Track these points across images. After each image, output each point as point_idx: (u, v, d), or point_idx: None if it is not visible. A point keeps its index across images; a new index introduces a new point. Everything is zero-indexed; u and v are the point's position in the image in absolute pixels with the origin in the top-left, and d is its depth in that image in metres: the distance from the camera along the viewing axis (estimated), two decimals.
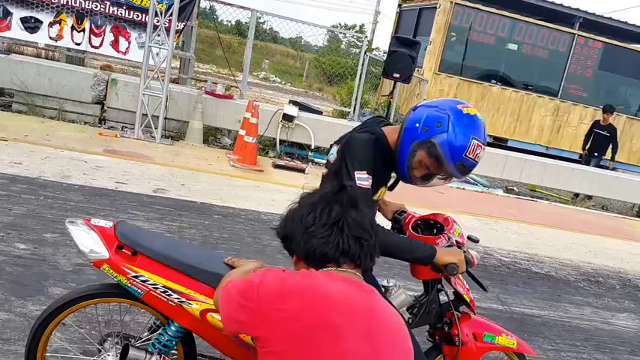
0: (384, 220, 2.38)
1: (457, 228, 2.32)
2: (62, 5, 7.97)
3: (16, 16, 7.90)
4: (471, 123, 1.97)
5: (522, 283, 5.19)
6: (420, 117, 2.00)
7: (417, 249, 2.05)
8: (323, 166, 7.48)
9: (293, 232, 1.60)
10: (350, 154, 1.98)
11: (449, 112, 1.97)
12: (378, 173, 2.04)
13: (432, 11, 12.92)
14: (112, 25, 8.22)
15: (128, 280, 1.94)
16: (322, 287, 1.47)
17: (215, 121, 8.22)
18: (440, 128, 1.95)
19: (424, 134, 1.98)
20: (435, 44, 12.64)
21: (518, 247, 6.33)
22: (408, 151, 2.01)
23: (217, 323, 1.94)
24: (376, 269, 2.02)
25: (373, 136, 2.04)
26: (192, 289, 1.95)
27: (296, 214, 1.61)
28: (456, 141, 1.95)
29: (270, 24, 37.17)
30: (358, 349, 1.43)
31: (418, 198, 7.86)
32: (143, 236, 2.06)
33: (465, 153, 1.96)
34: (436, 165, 2.01)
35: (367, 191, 1.96)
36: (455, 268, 2.05)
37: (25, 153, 5.63)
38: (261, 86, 18.65)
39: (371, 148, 2.01)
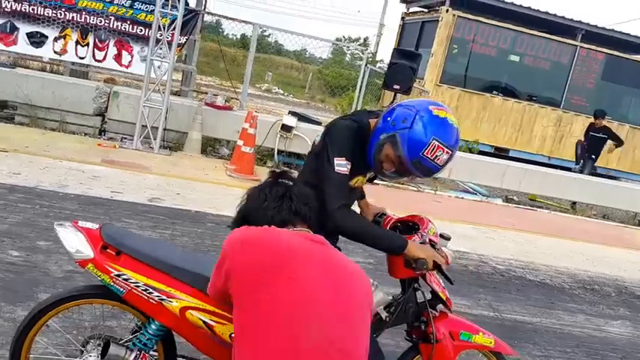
0: None
1: (432, 227, 2.36)
2: (67, 20, 8.14)
3: (23, 31, 8.07)
4: (435, 124, 2.01)
5: (516, 291, 5.19)
6: (393, 112, 2.08)
7: (389, 238, 2.14)
8: None
9: (250, 212, 1.86)
10: (331, 140, 2.09)
11: (418, 110, 2.03)
12: (357, 161, 2.11)
13: (434, 24, 13.02)
14: (115, 40, 8.36)
15: (111, 279, 2.01)
16: (279, 237, 1.70)
17: (214, 132, 8.30)
18: (404, 124, 2.02)
19: (391, 128, 2.05)
20: (436, 56, 12.72)
21: (514, 255, 6.33)
22: (376, 144, 2.09)
23: (196, 321, 1.99)
24: None
25: (355, 124, 2.12)
26: (173, 287, 2.01)
27: (249, 198, 1.89)
28: (415, 138, 2.00)
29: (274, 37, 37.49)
30: (315, 288, 1.60)
31: (414, 207, 7.90)
32: (128, 237, 2.13)
33: (423, 152, 2.00)
34: (398, 160, 2.06)
35: (344, 177, 2.06)
36: (424, 263, 2.10)
37: (24, 164, 5.72)
38: (263, 98, 18.81)
39: (351, 136, 2.10)
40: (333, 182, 2.05)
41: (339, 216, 2.03)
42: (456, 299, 4.64)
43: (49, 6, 8.00)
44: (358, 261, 5.05)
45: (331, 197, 2.04)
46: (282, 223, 1.79)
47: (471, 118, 13.13)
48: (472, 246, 6.35)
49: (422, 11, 14.19)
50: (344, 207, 2.06)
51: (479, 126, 13.20)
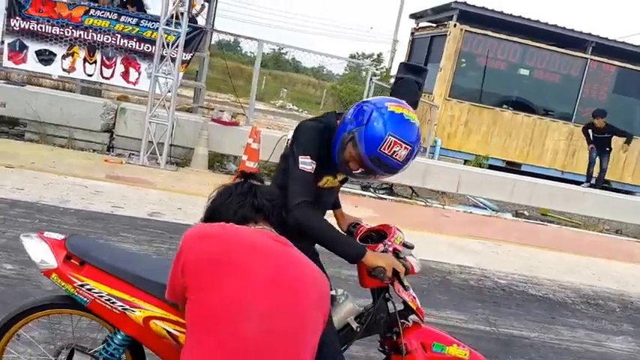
0: None
1: (399, 236, 2.36)
2: (75, 38, 8.32)
3: (32, 49, 8.27)
4: (392, 120, 2.02)
5: (516, 305, 5.13)
6: (353, 110, 2.11)
7: (348, 244, 2.15)
8: None
9: (215, 208, 1.90)
10: (297, 139, 2.14)
11: (374, 107, 2.05)
12: (324, 161, 2.14)
13: (442, 38, 13.04)
14: (122, 57, 8.52)
15: (75, 289, 2.03)
16: (236, 233, 1.74)
17: (221, 147, 8.39)
18: (361, 121, 2.04)
19: (351, 126, 2.08)
20: (445, 71, 12.72)
21: (518, 270, 6.26)
22: (339, 142, 2.11)
23: (160, 331, 2.01)
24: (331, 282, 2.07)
25: (322, 125, 2.16)
26: (137, 297, 2.02)
27: (217, 196, 1.94)
28: (371, 134, 2.01)
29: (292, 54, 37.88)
30: (263, 286, 1.62)
31: (421, 221, 7.88)
32: (93, 247, 2.16)
33: (380, 148, 2.00)
34: (359, 158, 2.07)
35: (308, 175, 2.09)
36: (381, 271, 2.09)
37: (28, 179, 5.83)
38: (277, 114, 18.96)
39: (317, 136, 2.13)
40: (295, 179, 2.09)
41: (298, 212, 2.04)
42: (452, 314, 4.64)
43: (56, 24, 8.19)
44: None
45: (293, 194, 2.07)
46: (243, 219, 1.83)
47: (481, 133, 13.07)
48: (476, 260, 6.30)
49: (430, 26, 14.23)
50: (305, 204, 2.06)
51: (489, 140, 13.13)
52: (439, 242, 6.85)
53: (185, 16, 7.41)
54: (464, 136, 13.04)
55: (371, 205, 8.27)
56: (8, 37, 8.19)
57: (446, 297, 4.98)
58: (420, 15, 14.68)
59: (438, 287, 5.21)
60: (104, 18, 8.32)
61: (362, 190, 9.12)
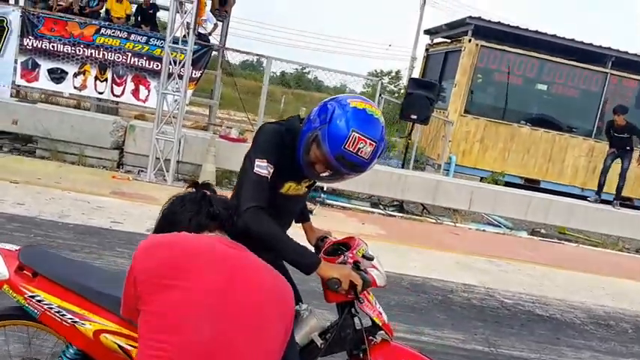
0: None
1: (362, 248, 2.28)
2: (86, 57, 8.49)
3: (44, 67, 8.46)
4: (355, 116, 1.95)
5: (519, 326, 4.97)
6: (316, 110, 2.04)
7: (301, 253, 2.01)
8: (334, 208, 7.35)
9: (169, 218, 1.86)
10: (256, 142, 2.06)
11: (337, 104, 1.98)
12: (284, 166, 2.05)
13: (457, 54, 12.98)
14: (133, 75, 8.65)
15: (25, 300, 2.00)
16: (187, 240, 1.69)
17: (229, 164, 8.38)
18: (324, 119, 1.96)
19: (314, 126, 2.00)
20: (460, 86, 12.63)
21: (526, 289, 6.08)
22: (304, 143, 2.03)
23: (111, 345, 1.96)
24: None
25: (283, 128, 2.08)
26: (87, 309, 1.98)
27: (170, 205, 1.89)
28: (335, 132, 1.93)
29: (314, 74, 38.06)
30: (215, 294, 1.57)
31: (429, 239, 7.75)
32: (47, 259, 2.13)
33: (344, 145, 1.92)
34: (325, 158, 1.99)
35: (262, 179, 1.99)
36: (336, 282, 2.00)
37: (31, 194, 5.91)
38: None
39: (276, 139, 2.04)
40: (249, 183, 2.00)
41: (247, 216, 1.95)
42: (450, 333, 4.51)
43: (68, 43, 8.37)
44: None
45: (244, 197, 1.98)
46: (198, 227, 1.79)
47: (497, 149, 12.90)
48: (482, 279, 6.14)
49: (445, 42, 14.18)
50: (256, 208, 1.96)
51: (506, 157, 12.95)
52: (445, 260, 6.71)
53: (191, 34, 7.49)
54: (480, 153, 12.88)
55: (378, 222, 8.17)
56: (21, 55, 8.39)
57: (445, 316, 4.85)
58: (435, 31, 14.65)
59: (437, 306, 5.08)
60: (115, 37, 8.48)
61: (371, 207, 9.03)
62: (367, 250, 2.30)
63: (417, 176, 9.48)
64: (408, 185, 9.07)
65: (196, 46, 8.88)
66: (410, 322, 4.55)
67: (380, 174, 9.09)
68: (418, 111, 9.69)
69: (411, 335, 4.29)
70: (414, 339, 4.22)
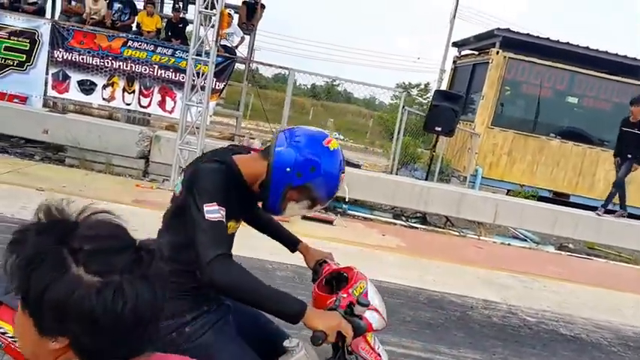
0: None
1: (360, 285, 2.04)
2: (114, 69, 8.55)
3: (74, 79, 8.55)
4: (337, 159, 1.91)
5: (541, 346, 4.68)
6: (289, 160, 1.85)
7: (283, 302, 1.74)
8: (355, 218, 7.16)
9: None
10: (198, 186, 1.79)
11: (320, 154, 1.87)
12: (230, 205, 1.82)
13: (484, 66, 12.68)
14: (159, 87, 8.67)
15: None
16: None
17: None
18: (315, 173, 1.86)
19: (299, 180, 1.86)
20: (487, 99, 12.32)
21: (551, 307, 5.77)
22: (281, 193, 1.89)
23: None
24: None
25: (223, 166, 1.85)
26: None
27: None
28: (330, 182, 1.91)
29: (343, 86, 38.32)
30: None
31: (450, 252, 7.49)
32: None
33: (336, 188, 1.94)
34: (311, 203, 1.94)
35: (218, 224, 1.74)
36: (320, 337, 1.72)
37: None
38: None
39: (221, 178, 1.82)
40: (203, 233, 1.73)
41: (216, 268, 1.69)
42: (467, 352, 4.26)
43: (97, 55, 8.45)
44: None
45: (205, 248, 1.71)
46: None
47: (526, 162, 12.51)
48: (504, 296, 5.87)
49: (473, 54, 13.89)
50: (222, 257, 1.71)
51: (535, 170, 12.55)
52: (465, 274, 6.45)
53: (213, 47, 7.44)
54: (507, 166, 12.52)
55: (400, 233, 7.94)
56: (52, 67, 8.50)
57: (463, 334, 4.61)
58: (463, 43, 14.38)
59: (455, 323, 4.83)
60: (142, 49, 8.52)
61: (393, 219, 8.81)
62: (366, 287, 2.07)
63: (440, 188, 9.23)
64: (430, 197, 8.83)
65: (220, 59, 8.86)
66: (425, 339, 4.33)
67: (402, 185, 8.89)
68: (443, 123, 9.47)
69: (426, 354, 4.08)
70: (428, 357, 4.01)
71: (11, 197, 5.81)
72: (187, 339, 1.85)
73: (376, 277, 5.54)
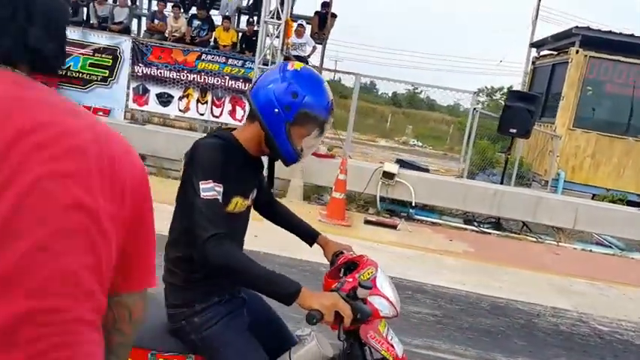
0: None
1: (368, 271, 1.93)
2: (189, 81, 8.88)
3: (153, 92, 8.97)
4: (307, 74, 1.85)
5: (612, 357, 4.27)
6: (271, 102, 1.79)
7: (278, 283, 1.66)
8: (423, 223, 6.94)
9: None
10: (194, 163, 1.73)
11: (290, 78, 1.80)
12: (232, 181, 1.76)
13: (564, 66, 11.96)
14: (230, 97, 8.90)
15: None
16: None
17: (317, 179, 8.31)
18: (299, 97, 1.78)
19: (291, 112, 1.78)
20: (568, 99, 11.60)
21: (628, 316, 5.27)
22: (286, 137, 1.80)
23: None
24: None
25: (220, 140, 1.79)
26: None
27: None
28: (318, 94, 1.82)
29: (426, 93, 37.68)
30: None
31: (523, 258, 7.05)
32: None
33: (328, 98, 1.84)
34: (319, 127, 1.84)
35: (213, 202, 1.67)
36: (314, 316, 1.64)
37: None
38: (398, 150, 18.68)
39: (218, 154, 1.74)
40: (198, 211, 1.66)
41: (209, 248, 1.62)
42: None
43: (173, 69, 8.81)
44: (428, 312, 4.57)
45: (199, 228, 1.64)
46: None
47: (611, 165, 11.63)
48: (576, 303, 5.43)
49: (552, 54, 13.15)
50: (216, 237, 1.64)
51: (622, 173, 11.63)
52: (537, 281, 6.04)
53: (279, 55, 7.53)
54: (591, 169, 11.70)
55: (469, 239, 7.60)
56: (133, 81, 8.96)
57: (524, 342, 4.30)
58: (541, 43, 13.67)
59: (517, 331, 4.52)
60: (214, 62, 8.80)
61: (464, 224, 8.45)
62: (374, 273, 1.96)
63: (514, 192, 8.75)
64: (505, 201, 8.39)
65: None
66: (481, 347, 4.08)
67: (474, 189, 8.53)
68: (518, 124, 8.98)
69: None
70: None
71: None
72: (196, 329, 1.81)
73: (435, 282, 5.34)
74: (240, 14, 13.33)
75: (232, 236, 1.79)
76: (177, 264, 1.83)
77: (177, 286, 1.84)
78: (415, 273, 5.56)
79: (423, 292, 5.06)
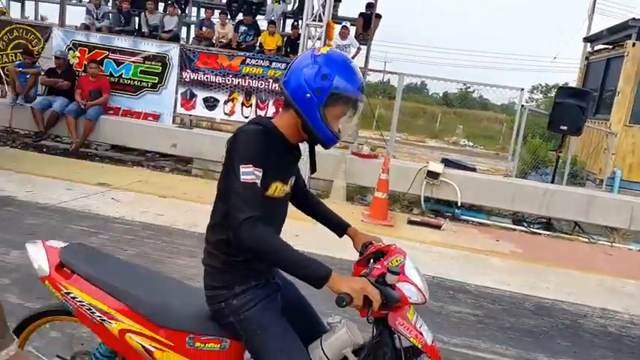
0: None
1: (397, 258, 1.95)
2: (234, 85, 9.07)
3: (200, 97, 9.22)
4: (334, 56, 1.90)
5: None
6: (301, 87, 1.85)
7: (309, 266, 1.71)
8: (469, 224, 6.88)
9: None
10: (236, 148, 1.80)
11: (318, 63, 1.85)
12: (271, 166, 1.83)
13: (619, 60, 11.49)
14: (274, 99, 9.04)
15: (62, 297, 2.03)
16: None
17: (360, 179, 8.32)
18: (328, 78, 1.84)
19: (322, 95, 1.84)
20: (624, 95, 11.13)
21: None
22: (321, 120, 1.86)
23: (136, 345, 1.92)
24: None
25: (260, 127, 1.86)
26: (114, 308, 1.96)
27: None
28: (347, 74, 1.87)
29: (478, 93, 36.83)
30: None
31: (572, 258, 6.81)
32: (84, 257, 2.13)
33: (357, 77, 1.89)
34: (352, 106, 1.92)
35: (252, 186, 1.75)
36: (343, 299, 1.69)
37: (172, 207, 6.37)
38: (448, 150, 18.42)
39: (258, 140, 1.82)
40: (236, 194, 1.74)
41: (243, 230, 1.70)
42: None
43: (219, 74, 9.03)
44: (469, 312, 4.51)
45: (235, 210, 1.73)
46: None
47: None
48: (627, 305, 5.21)
49: (606, 48, 12.65)
50: (251, 220, 1.71)
51: None
52: (586, 282, 5.83)
53: None
54: None
55: (517, 239, 7.41)
56: (181, 87, 9.24)
57: (568, 342, 4.17)
58: (595, 37, 13.17)
59: (562, 331, 4.38)
60: (258, 65, 8.95)
61: (513, 224, 8.25)
62: (403, 260, 1.98)
63: (565, 191, 8.47)
64: (555, 201, 8.15)
65: None
66: (522, 347, 3.98)
67: (523, 189, 8.32)
68: (568, 121, 8.69)
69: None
70: None
71: (135, 203, 6.37)
72: (234, 311, 1.88)
73: (478, 282, 5.25)
74: (285, 18, 13.52)
75: (271, 221, 1.88)
76: (218, 247, 1.91)
77: (216, 268, 1.92)
78: (458, 273, 5.48)
79: (465, 292, 4.98)
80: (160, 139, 8.88)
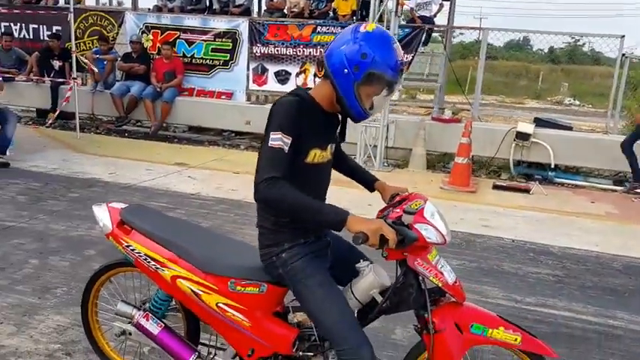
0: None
1: (417, 202, 2.16)
2: (306, 56, 9.39)
3: (271, 71, 9.64)
4: (378, 35, 2.05)
5: None
6: (341, 62, 2.05)
7: (327, 212, 1.97)
8: (564, 186, 6.89)
9: None
10: (271, 117, 2.07)
11: (360, 40, 2.03)
12: (305, 135, 2.08)
13: None
14: None
15: (124, 249, 2.49)
16: None
17: (441, 146, 8.36)
18: (368, 57, 2.02)
19: (360, 72, 2.04)
20: None
21: None
22: (355, 96, 2.08)
23: (185, 289, 2.33)
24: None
25: (296, 98, 2.11)
26: (167, 258, 2.38)
27: None
28: (387, 55, 2.04)
29: (590, 45, 34.69)
30: None
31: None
32: (141, 215, 2.58)
33: (397, 59, 2.06)
34: (387, 86, 2.09)
35: (278, 151, 1.98)
36: (360, 237, 1.91)
37: (245, 183, 6.78)
38: (550, 111, 17.73)
39: (291, 110, 2.05)
40: (263, 157, 2.01)
41: (261, 188, 1.96)
42: None
43: (290, 45, 9.37)
44: (548, 272, 4.58)
45: (259, 171, 1.99)
46: None
47: None
48: None
49: None
50: (273, 179, 1.96)
51: None
52: None
53: (393, 18, 7.71)
54: None
55: (616, 201, 7.19)
56: (252, 62, 9.70)
57: None
58: None
59: None
60: (330, 33, 9.18)
61: (613, 185, 7.98)
62: (422, 204, 2.18)
63: None
64: None
65: (406, 29, 9.08)
66: (602, 304, 4.05)
67: None
68: None
69: (597, 318, 3.84)
70: (598, 322, 3.78)
71: (210, 179, 6.93)
72: (283, 263, 2.20)
73: (563, 244, 5.25)
74: None
75: (314, 186, 2.19)
76: (268, 209, 2.22)
77: (268, 229, 2.23)
78: (543, 235, 5.51)
79: (547, 254, 5.03)
80: (234, 118, 9.41)
